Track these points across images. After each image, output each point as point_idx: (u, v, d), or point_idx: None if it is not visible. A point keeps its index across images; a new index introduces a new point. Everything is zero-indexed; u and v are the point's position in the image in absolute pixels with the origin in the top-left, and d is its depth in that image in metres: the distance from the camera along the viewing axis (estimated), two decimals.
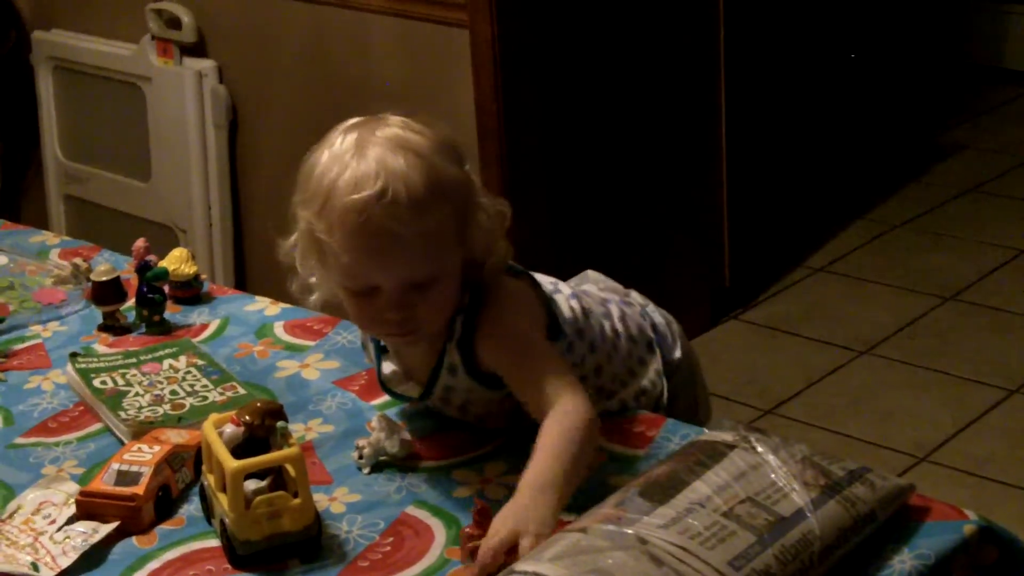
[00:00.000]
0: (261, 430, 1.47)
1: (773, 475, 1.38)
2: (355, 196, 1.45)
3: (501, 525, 1.36)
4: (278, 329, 1.97)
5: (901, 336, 3.47)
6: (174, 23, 3.35)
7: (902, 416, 3.12)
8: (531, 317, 1.60)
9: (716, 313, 3.57)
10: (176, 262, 2.06)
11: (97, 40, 3.55)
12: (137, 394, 1.76)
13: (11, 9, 3.71)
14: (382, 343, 1.67)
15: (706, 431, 1.50)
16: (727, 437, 1.44)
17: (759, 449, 1.41)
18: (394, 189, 1.45)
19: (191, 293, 2.07)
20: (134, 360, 1.85)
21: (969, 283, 3.71)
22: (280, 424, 1.48)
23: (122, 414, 1.71)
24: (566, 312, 1.65)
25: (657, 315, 1.82)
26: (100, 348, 1.94)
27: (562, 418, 1.46)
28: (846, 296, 3.70)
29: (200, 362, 1.84)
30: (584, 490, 1.52)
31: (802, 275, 3.82)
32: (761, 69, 4.15)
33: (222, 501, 1.44)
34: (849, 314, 3.60)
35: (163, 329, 1.98)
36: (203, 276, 2.10)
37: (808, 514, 1.33)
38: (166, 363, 1.84)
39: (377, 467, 1.60)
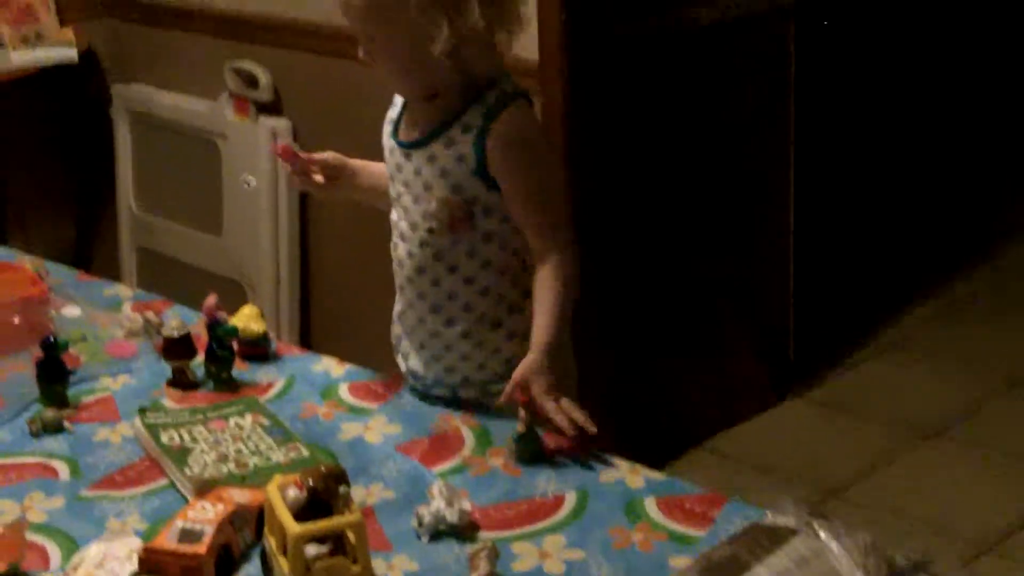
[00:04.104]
0: (324, 494, 1.47)
1: (835, 563, 1.36)
2: None
3: (517, 374, 1.77)
4: (343, 390, 1.98)
5: (968, 420, 3.42)
6: (251, 81, 3.40)
7: (967, 503, 3.07)
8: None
9: (779, 390, 3.54)
10: (246, 320, 2.08)
11: (176, 95, 3.62)
12: (203, 451, 1.78)
13: (94, 62, 3.78)
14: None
15: (768, 513, 1.49)
16: (790, 522, 1.43)
17: (822, 535, 1.40)
18: None
19: (259, 351, 2.09)
20: (201, 416, 1.87)
21: None
22: (343, 489, 1.48)
23: (187, 470, 1.72)
24: None
25: None
26: (168, 404, 1.96)
27: (554, 282, 1.80)
28: (912, 376, 3.66)
29: (265, 421, 1.85)
30: (643, 571, 1.52)
31: (867, 353, 3.78)
32: (831, 143, 4.15)
33: (283, 564, 1.45)
34: (915, 395, 3.56)
35: (231, 386, 2.00)
36: (271, 334, 2.12)
37: None
38: (232, 420, 1.86)
39: (436, 535, 1.60)
